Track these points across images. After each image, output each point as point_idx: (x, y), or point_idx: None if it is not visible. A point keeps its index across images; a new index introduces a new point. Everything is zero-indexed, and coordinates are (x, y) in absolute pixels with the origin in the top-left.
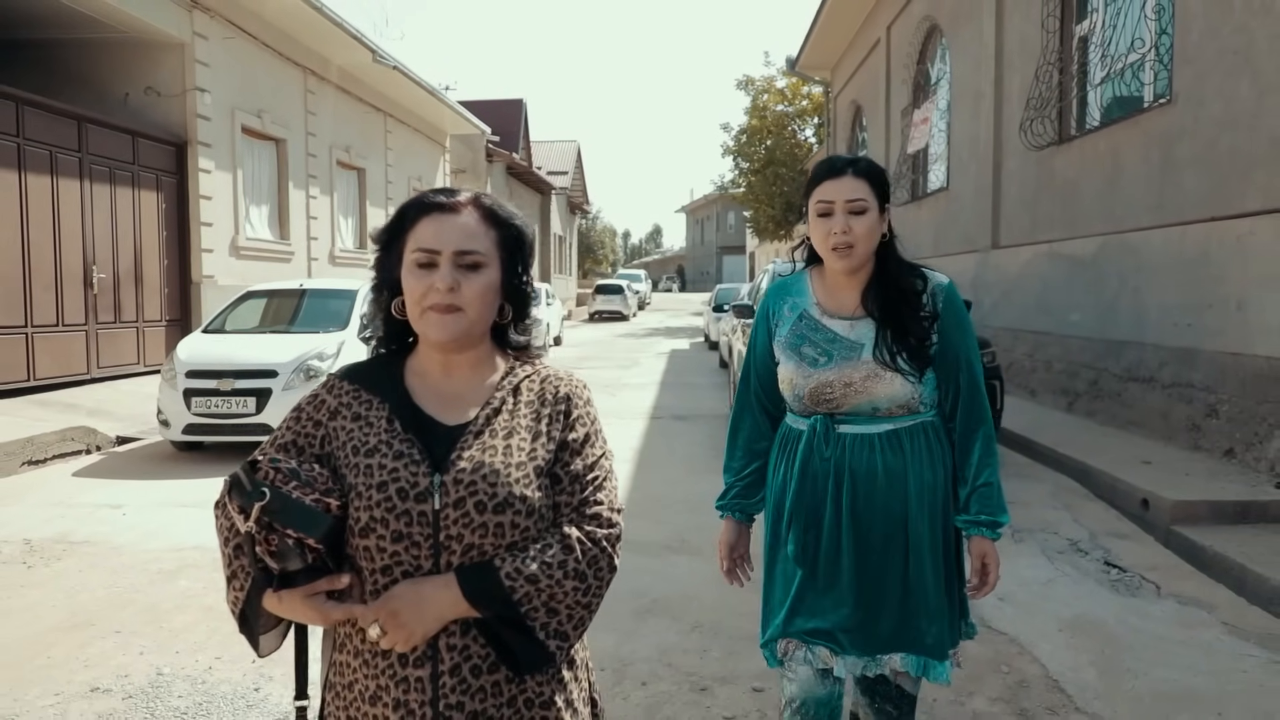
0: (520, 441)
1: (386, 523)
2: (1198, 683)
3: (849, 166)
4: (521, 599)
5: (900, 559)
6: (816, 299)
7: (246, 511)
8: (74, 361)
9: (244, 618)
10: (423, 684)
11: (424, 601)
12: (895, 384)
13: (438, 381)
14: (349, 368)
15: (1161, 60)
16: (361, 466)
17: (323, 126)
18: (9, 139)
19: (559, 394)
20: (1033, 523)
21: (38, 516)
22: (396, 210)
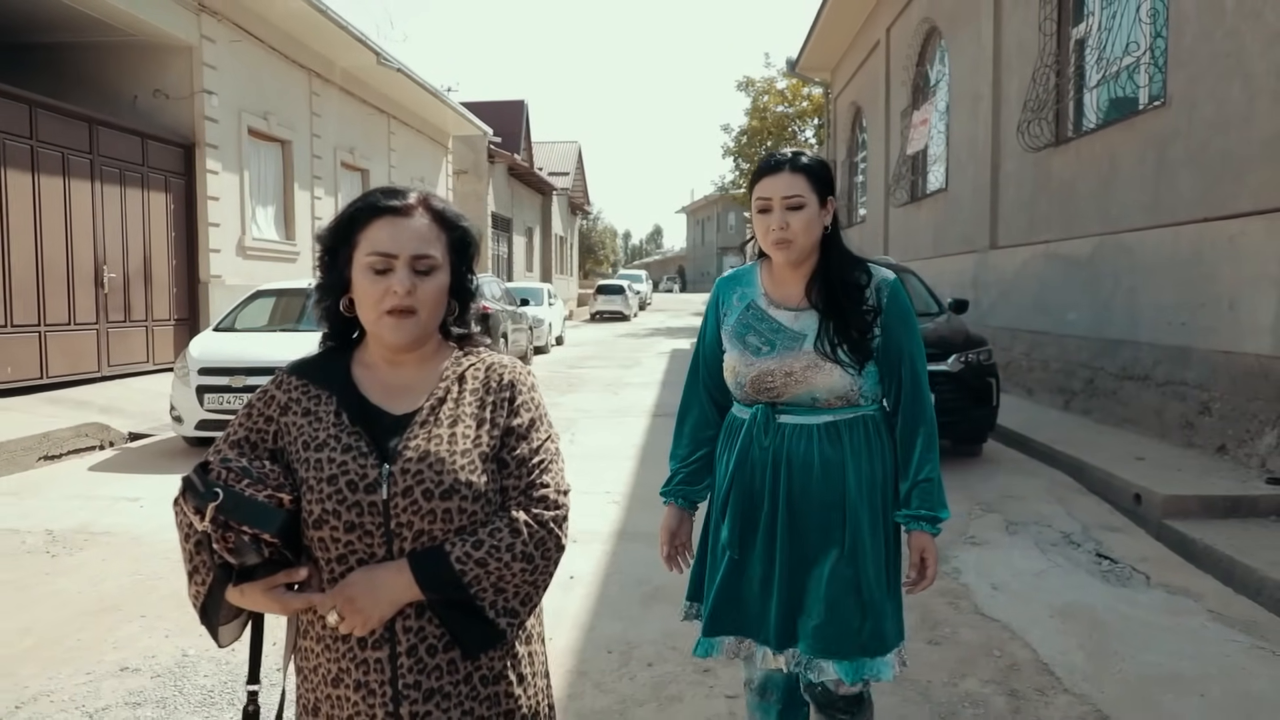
0: (465, 429)
1: (339, 514)
2: (1183, 666)
3: (786, 163)
4: (471, 581)
5: (835, 552)
6: (764, 290)
7: (202, 512)
8: (85, 360)
9: (205, 611)
10: (381, 665)
11: (378, 587)
12: (834, 375)
13: (384, 373)
14: (297, 362)
15: (1156, 63)
16: (312, 461)
17: (327, 128)
18: (22, 141)
19: (503, 381)
20: (1027, 516)
21: (58, 509)
22: (345, 211)
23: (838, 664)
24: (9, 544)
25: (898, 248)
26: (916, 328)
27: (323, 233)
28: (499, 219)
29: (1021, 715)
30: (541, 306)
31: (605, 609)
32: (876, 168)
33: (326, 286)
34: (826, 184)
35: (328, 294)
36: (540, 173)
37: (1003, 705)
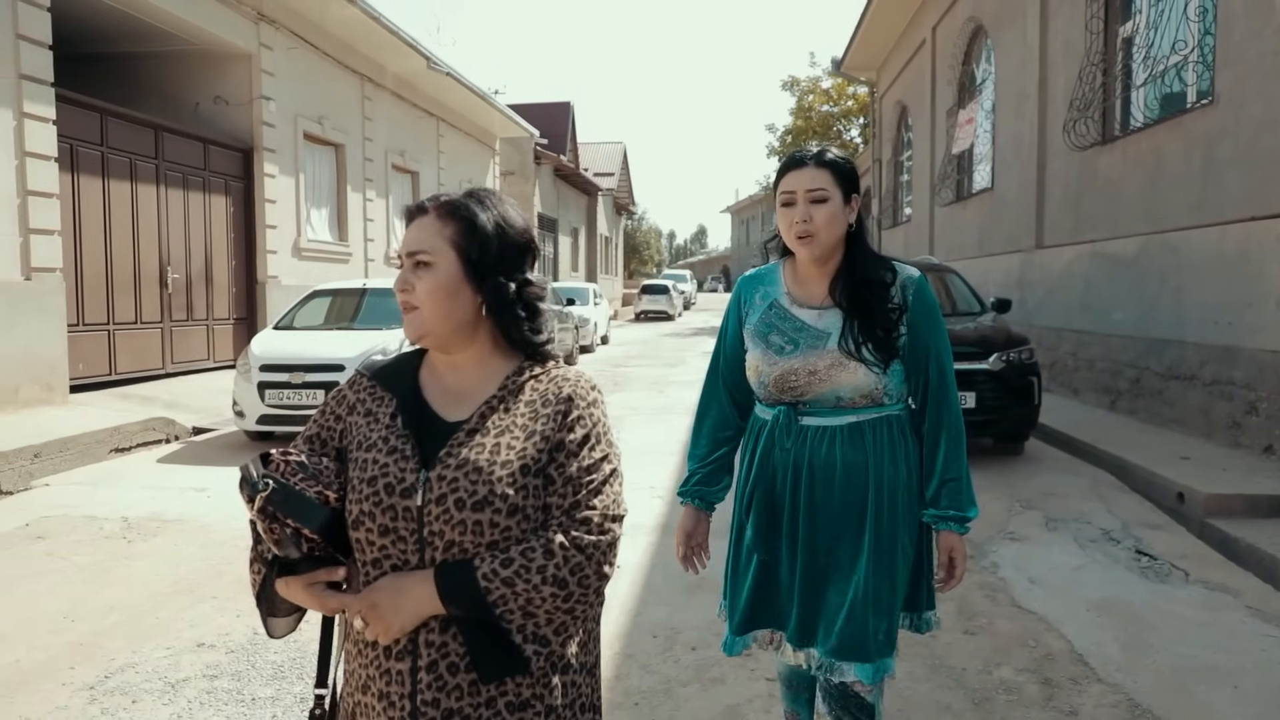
0: (511, 440)
1: (374, 516)
2: (1217, 659)
3: (811, 158)
4: (496, 600)
5: (853, 555)
6: (787, 288)
7: (252, 501)
8: (150, 357)
9: (259, 598)
10: (402, 677)
11: (402, 596)
12: (859, 374)
13: (444, 378)
14: (374, 364)
15: (1204, 61)
16: (359, 460)
17: (379, 132)
18: (94, 148)
19: (561, 394)
20: (1067, 513)
21: (131, 498)
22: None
23: (859, 666)
24: (89, 530)
25: (943, 247)
26: (943, 325)
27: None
28: (545, 219)
29: (1054, 703)
30: (587, 306)
31: (651, 596)
32: (922, 167)
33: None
34: (851, 181)
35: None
36: (586, 173)
37: (1036, 693)
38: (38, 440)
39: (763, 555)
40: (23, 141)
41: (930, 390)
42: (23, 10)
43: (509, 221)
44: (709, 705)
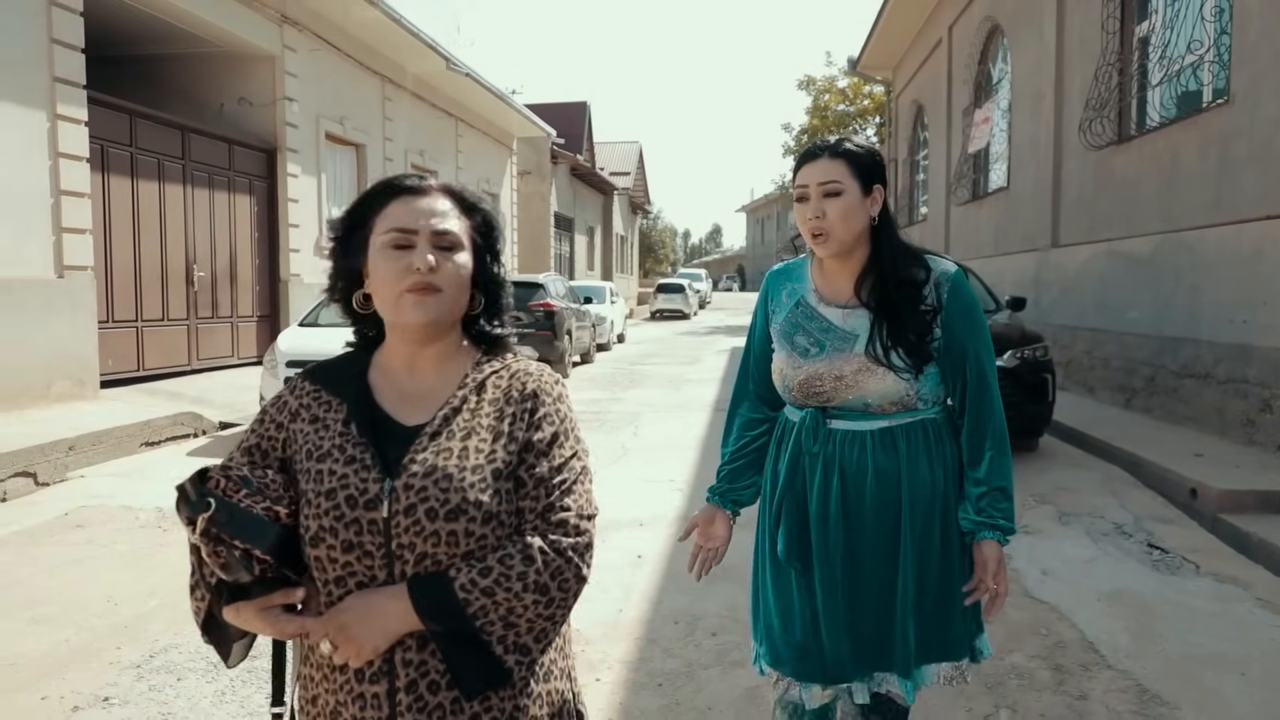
0: (479, 443)
1: (336, 531)
2: (1225, 647)
3: (826, 149)
4: (477, 612)
5: (891, 567)
6: (814, 285)
7: (193, 523)
8: (177, 353)
9: (205, 628)
10: (379, 700)
11: (373, 614)
12: (888, 380)
13: (400, 379)
14: (314, 367)
15: (1220, 60)
16: (313, 472)
17: (399, 132)
18: (123, 148)
19: (525, 390)
20: (1080, 507)
21: (164, 489)
22: (360, 195)
23: (900, 679)
24: (125, 520)
25: (959, 246)
26: (983, 323)
27: (335, 220)
28: (561, 219)
29: (1065, 688)
30: (604, 304)
31: (671, 584)
32: (938, 166)
33: (339, 277)
34: (870, 170)
35: (340, 285)
36: (602, 173)
37: (1047, 678)
38: (72, 434)
39: (795, 566)
40: (56, 142)
41: (969, 394)
42: (57, 15)
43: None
44: (729, 687)
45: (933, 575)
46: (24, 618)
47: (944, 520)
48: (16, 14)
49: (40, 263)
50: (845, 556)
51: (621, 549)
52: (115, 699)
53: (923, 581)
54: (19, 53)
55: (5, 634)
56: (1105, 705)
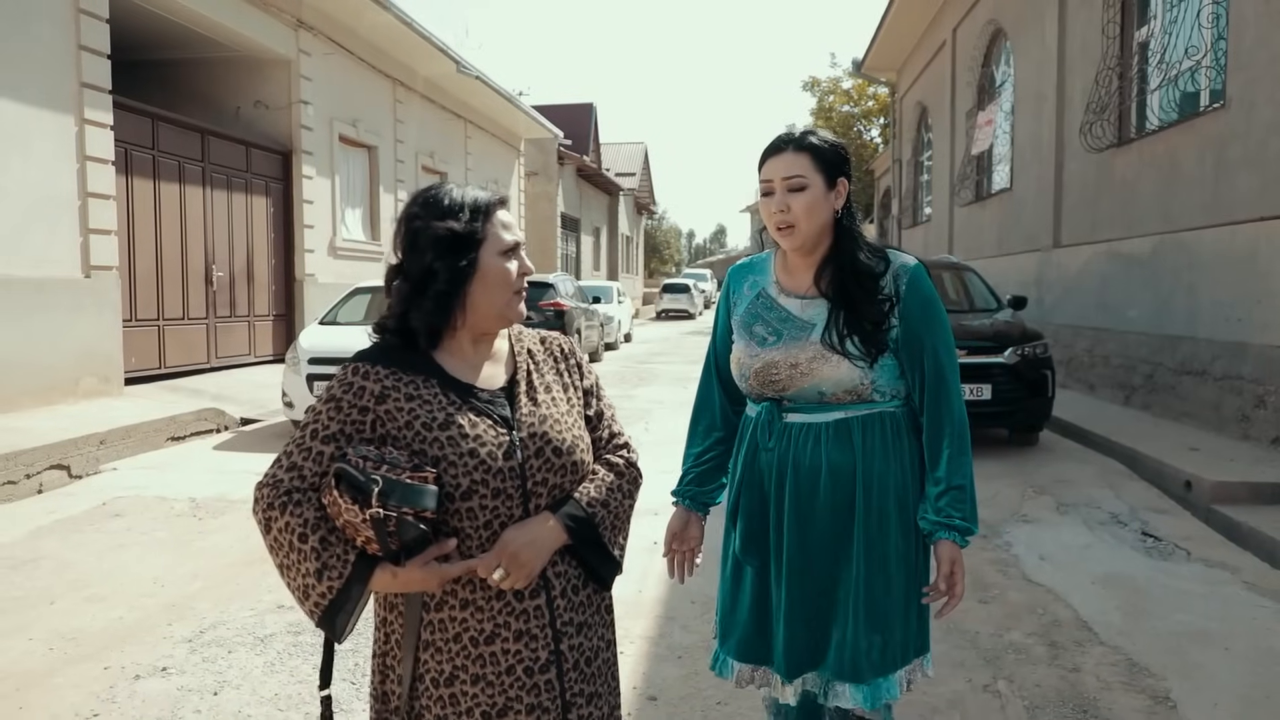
0: (556, 395)
1: (487, 483)
2: (1211, 625)
3: (791, 142)
4: (599, 520)
5: (847, 565)
6: (776, 277)
7: (365, 501)
8: (196, 351)
9: (333, 606)
10: (541, 610)
11: (536, 541)
12: (841, 368)
13: (468, 356)
14: (372, 356)
15: (1217, 65)
16: (444, 439)
17: (409, 134)
18: (146, 151)
19: (564, 349)
20: (1077, 498)
21: (195, 481)
22: (476, 207)
23: (854, 688)
24: (161, 509)
25: (962, 247)
26: (942, 317)
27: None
28: (568, 219)
29: (1059, 661)
30: (611, 304)
31: None
32: (942, 167)
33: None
34: (835, 164)
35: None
36: (608, 174)
37: (1042, 653)
38: (102, 428)
39: (752, 564)
40: (83, 146)
41: (927, 389)
42: (84, 23)
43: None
44: None
45: (883, 577)
46: (79, 597)
47: (901, 519)
48: (48, 22)
49: (68, 263)
50: (797, 554)
51: (639, 535)
52: (172, 669)
53: (873, 584)
54: (50, 60)
55: (64, 612)
56: (1096, 677)
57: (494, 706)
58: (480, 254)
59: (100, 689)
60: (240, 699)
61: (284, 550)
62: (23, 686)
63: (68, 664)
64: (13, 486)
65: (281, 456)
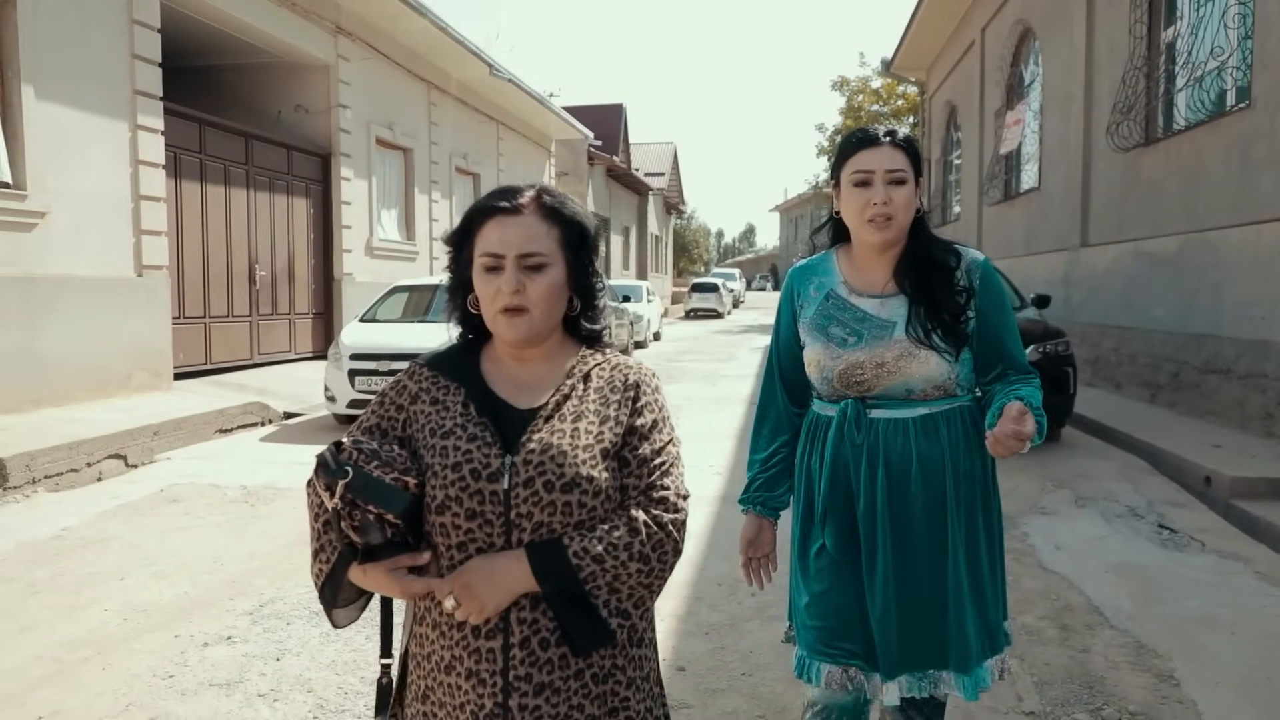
0: (588, 425)
1: (460, 500)
2: (1219, 612)
3: (887, 136)
4: (587, 577)
5: (941, 557)
6: (844, 278)
7: (332, 489)
8: (240, 348)
9: (324, 589)
10: (494, 654)
11: (495, 575)
12: (931, 363)
13: (511, 369)
14: (430, 355)
15: (1245, 63)
16: (438, 448)
17: (443, 136)
18: (194, 155)
19: (628, 380)
20: (1096, 492)
21: (245, 470)
22: (464, 214)
23: (958, 676)
24: (214, 496)
25: (991, 246)
26: (1010, 309)
27: (448, 235)
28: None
29: (1070, 643)
30: (641, 303)
31: (714, 553)
32: (971, 166)
33: (454, 287)
34: (919, 163)
35: (455, 294)
36: (637, 174)
37: (1054, 635)
38: (155, 420)
39: (847, 560)
40: (136, 151)
41: (1006, 376)
42: (138, 32)
43: (588, 219)
44: (770, 636)
45: (977, 567)
46: (146, 574)
47: (985, 512)
48: (104, 32)
49: (122, 263)
50: (894, 549)
51: None
52: (236, 638)
53: (972, 574)
54: (105, 68)
55: (134, 587)
56: (1105, 657)
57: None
58: (471, 269)
59: (173, 654)
60: (301, 664)
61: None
62: (103, 651)
63: (142, 632)
64: (75, 474)
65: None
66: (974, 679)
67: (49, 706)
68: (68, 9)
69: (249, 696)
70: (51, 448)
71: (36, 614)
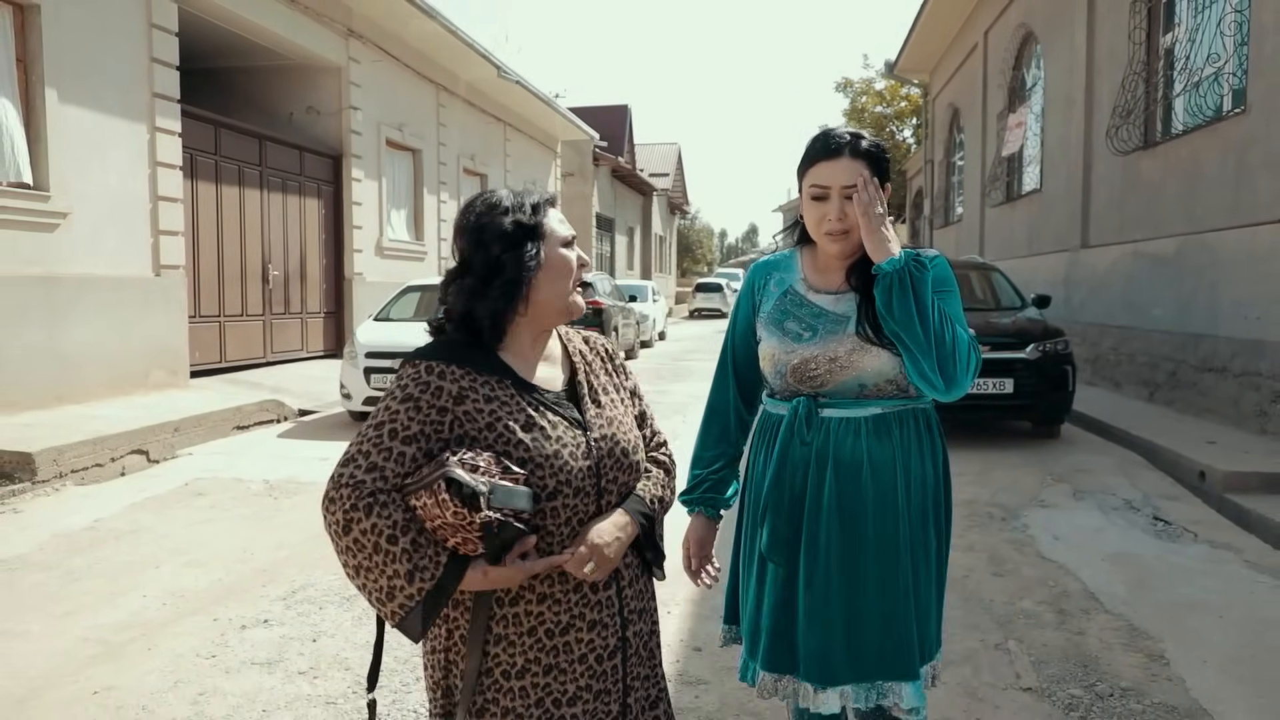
0: (613, 398)
1: (570, 482)
2: (1210, 598)
3: (846, 147)
4: (657, 515)
5: (892, 561)
6: (804, 275)
7: (473, 505)
8: (253, 346)
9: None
10: (612, 600)
11: (618, 537)
12: (882, 357)
13: (529, 356)
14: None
15: (1241, 69)
16: (528, 441)
17: (452, 137)
18: (209, 156)
19: (608, 351)
20: (1094, 486)
21: (266, 465)
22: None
23: (911, 686)
24: (238, 490)
25: (993, 247)
26: (958, 298)
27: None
28: (602, 219)
29: (1066, 626)
30: (647, 303)
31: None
32: (973, 168)
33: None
34: (883, 169)
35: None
36: (642, 174)
37: (1051, 619)
38: (175, 417)
39: (779, 564)
40: (155, 152)
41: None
42: (156, 36)
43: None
44: None
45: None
46: (180, 563)
47: (935, 517)
48: (124, 37)
49: (140, 262)
50: (841, 552)
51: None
52: (272, 621)
53: (921, 579)
54: (125, 72)
55: (169, 575)
56: (1099, 639)
57: (564, 694)
58: (543, 246)
59: (213, 636)
60: (336, 645)
61: (365, 552)
62: (147, 633)
63: (181, 616)
64: (100, 469)
65: (357, 456)
66: (917, 685)
67: (101, 683)
68: (89, 15)
69: (289, 674)
70: (77, 443)
71: (78, 600)
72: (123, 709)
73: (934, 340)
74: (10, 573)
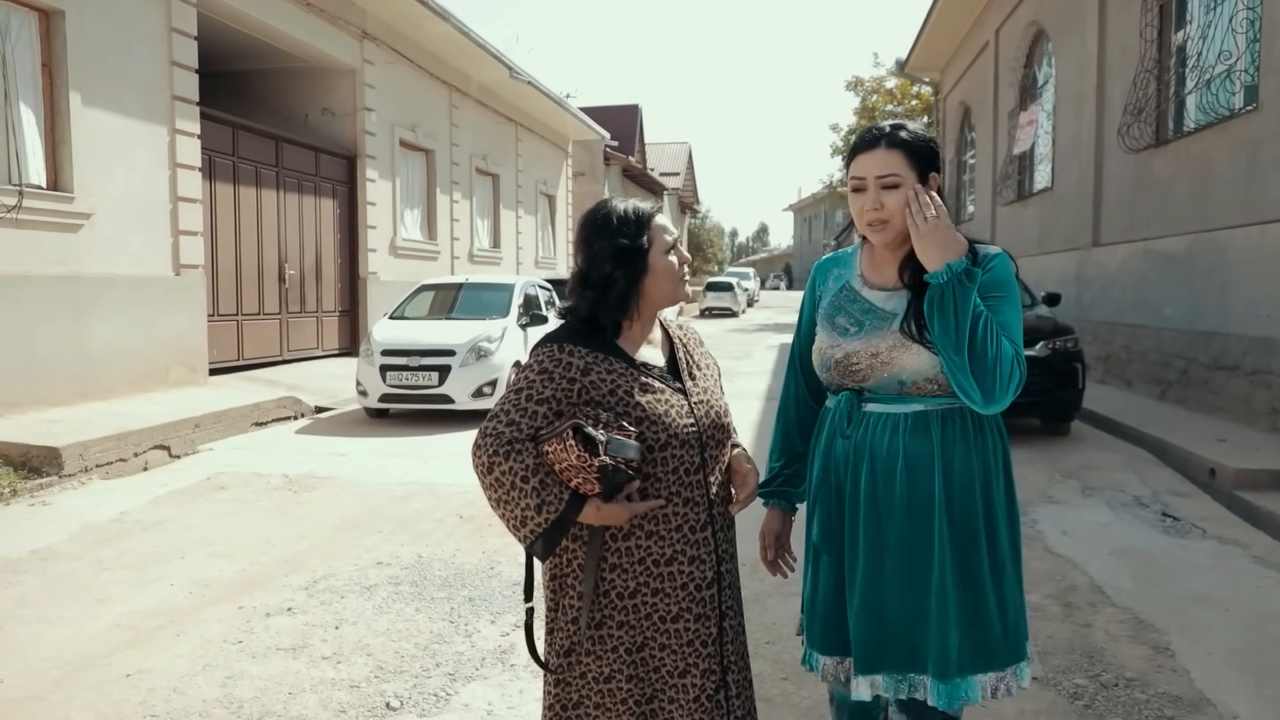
0: (706, 372)
1: (677, 435)
2: (1216, 591)
3: (883, 138)
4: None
5: (924, 558)
6: (861, 271)
7: (594, 451)
8: (270, 345)
9: (549, 532)
10: (708, 540)
11: (750, 475)
12: (922, 356)
13: (638, 341)
14: (571, 337)
15: (1253, 67)
16: (644, 403)
17: (464, 137)
18: (227, 157)
19: (695, 336)
20: (1103, 482)
21: (285, 460)
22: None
23: (934, 682)
24: (258, 484)
25: (1004, 245)
26: (1016, 301)
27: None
28: None
29: (1073, 619)
30: None
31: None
32: (984, 166)
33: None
34: (927, 159)
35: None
36: (652, 173)
37: (1058, 611)
38: (196, 413)
39: (829, 554)
40: (175, 154)
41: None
42: (176, 40)
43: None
44: (788, 609)
45: (973, 576)
46: (204, 554)
47: (988, 516)
48: (145, 41)
49: (161, 262)
50: (871, 545)
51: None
52: (296, 609)
53: (963, 581)
54: (146, 75)
55: (194, 565)
56: (1105, 631)
57: (669, 613)
58: (649, 257)
59: (239, 623)
60: (358, 632)
61: (504, 488)
62: (175, 620)
63: (207, 604)
64: (123, 464)
65: (500, 413)
66: (952, 689)
67: (133, 666)
68: (112, 20)
69: (314, 659)
70: (102, 438)
71: (108, 588)
72: (154, 690)
73: (973, 356)
74: (43, 562)
